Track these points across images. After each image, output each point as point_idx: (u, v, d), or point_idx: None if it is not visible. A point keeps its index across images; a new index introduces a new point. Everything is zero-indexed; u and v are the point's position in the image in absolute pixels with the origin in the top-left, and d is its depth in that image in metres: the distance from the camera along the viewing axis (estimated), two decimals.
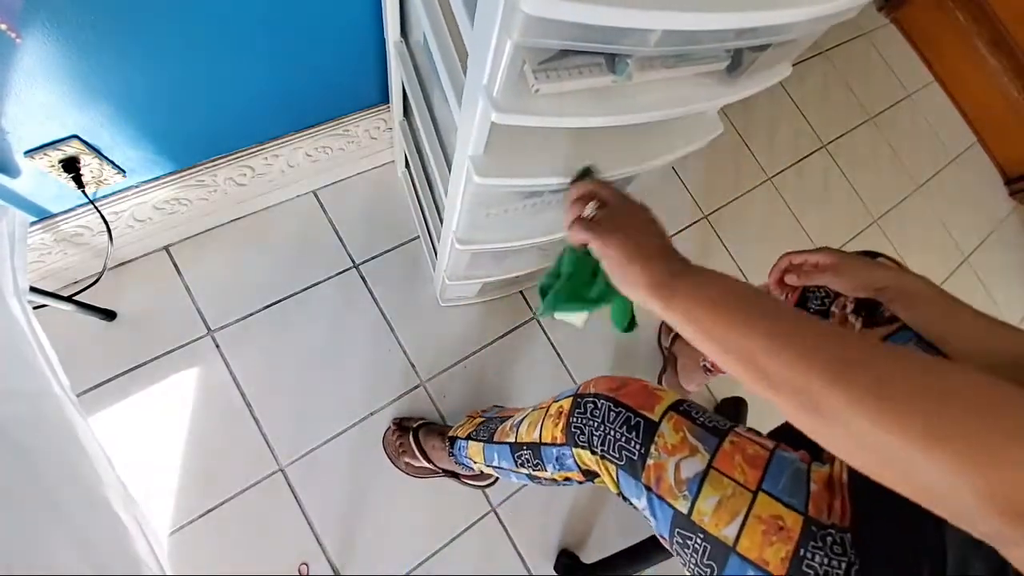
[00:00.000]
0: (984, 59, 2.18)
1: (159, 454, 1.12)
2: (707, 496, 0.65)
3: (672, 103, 0.63)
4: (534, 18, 0.41)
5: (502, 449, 0.94)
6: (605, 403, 0.75)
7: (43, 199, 0.94)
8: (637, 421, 0.72)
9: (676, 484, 0.67)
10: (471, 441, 1.03)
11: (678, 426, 0.70)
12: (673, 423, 0.71)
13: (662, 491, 0.68)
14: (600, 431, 0.74)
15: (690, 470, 0.67)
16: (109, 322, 1.15)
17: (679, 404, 0.74)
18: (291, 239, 1.31)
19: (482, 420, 1.07)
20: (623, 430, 0.72)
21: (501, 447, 0.94)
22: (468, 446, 1.04)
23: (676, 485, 0.67)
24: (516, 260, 1.16)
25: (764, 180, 1.85)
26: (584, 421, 0.77)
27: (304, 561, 1.13)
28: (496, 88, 0.52)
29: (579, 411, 0.78)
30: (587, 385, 0.81)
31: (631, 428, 0.72)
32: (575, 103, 0.56)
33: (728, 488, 0.65)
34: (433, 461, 1.17)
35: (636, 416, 0.72)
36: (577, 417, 0.78)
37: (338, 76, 1.06)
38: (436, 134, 0.90)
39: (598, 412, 0.76)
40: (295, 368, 1.24)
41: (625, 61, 0.55)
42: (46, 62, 0.70)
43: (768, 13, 0.48)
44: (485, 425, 1.04)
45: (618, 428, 0.73)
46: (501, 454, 0.95)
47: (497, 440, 0.96)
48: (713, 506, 0.64)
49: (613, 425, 0.73)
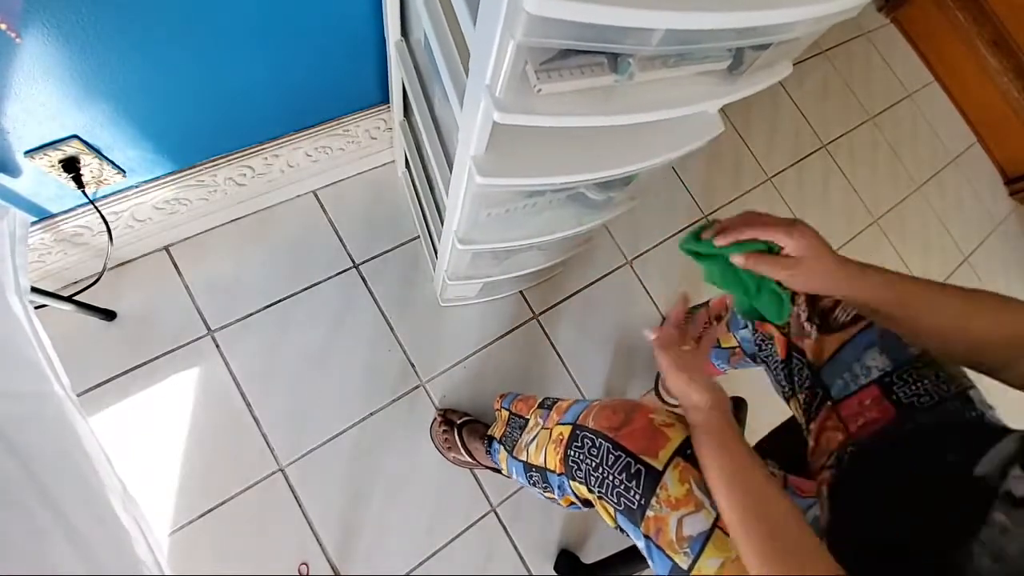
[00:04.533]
0: (984, 59, 2.18)
1: (159, 454, 1.12)
2: (710, 557, 0.62)
3: (673, 102, 0.63)
4: (537, 18, 0.41)
5: (518, 466, 0.93)
6: (604, 444, 0.71)
7: (43, 199, 0.94)
8: (638, 469, 0.68)
9: (677, 540, 0.64)
10: (501, 447, 1.03)
11: (684, 476, 0.66)
12: (679, 472, 0.66)
13: (661, 543, 0.65)
14: (598, 473, 0.71)
15: (693, 528, 0.63)
16: (109, 322, 1.15)
17: (686, 447, 0.69)
18: (291, 239, 1.31)
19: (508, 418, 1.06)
20: (622, 476, 0.68)
21: (517, 464, 0.94)
22: (499, 451, 1.04)
23: (677, 541, 0.64)
24: (516, 260, 1.16)
25: (764, 180, 1.85)
26: (581, 456, 0.74)
27: (304, 561, 1.13)
28: (498, 88, 0.52)
29: (576, 444, 0.75)
30: (587, 414, 0.78)
31: (631, 476, 0.68)
32: (577, 103, 0.56)
33: (732, 552, 0.61)
34: (477, 460, 1.19)
35: (637, 463, 0.68)
36: (574, 451, 0.75)
37: (338, 76, 1.06)
38: (437, 134, 0.90)
39: (596, 451, 0.72)
40: (295, 368, 1.23)
41: (627, 61, 0.55)
42: (46, 62, 0.70)
43: (770, 12, 0.48)
44: (510, 429, 1.02)
45: (617, 473, 0.69)
46: (517, 470, 0.94)
47: (515, 455, 0.95)
48: (716, 567, 0.62)
49: (612, 469, 0.70)
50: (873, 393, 0.74)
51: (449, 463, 1.27)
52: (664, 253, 1.62)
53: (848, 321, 0.79)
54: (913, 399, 0.71)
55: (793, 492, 0.73)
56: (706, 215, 1.72)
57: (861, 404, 0.74)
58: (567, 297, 1.49)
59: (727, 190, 1.79)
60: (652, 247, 1.62)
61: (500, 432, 1.07)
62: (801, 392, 0.83)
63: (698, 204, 1.73)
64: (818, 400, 0.80)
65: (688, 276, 1.59)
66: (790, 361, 0.86)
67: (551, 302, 1.47)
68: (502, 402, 1.12)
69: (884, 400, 0.73)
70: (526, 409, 1.01)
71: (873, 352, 0.75)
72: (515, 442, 0.97)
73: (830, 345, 0.80)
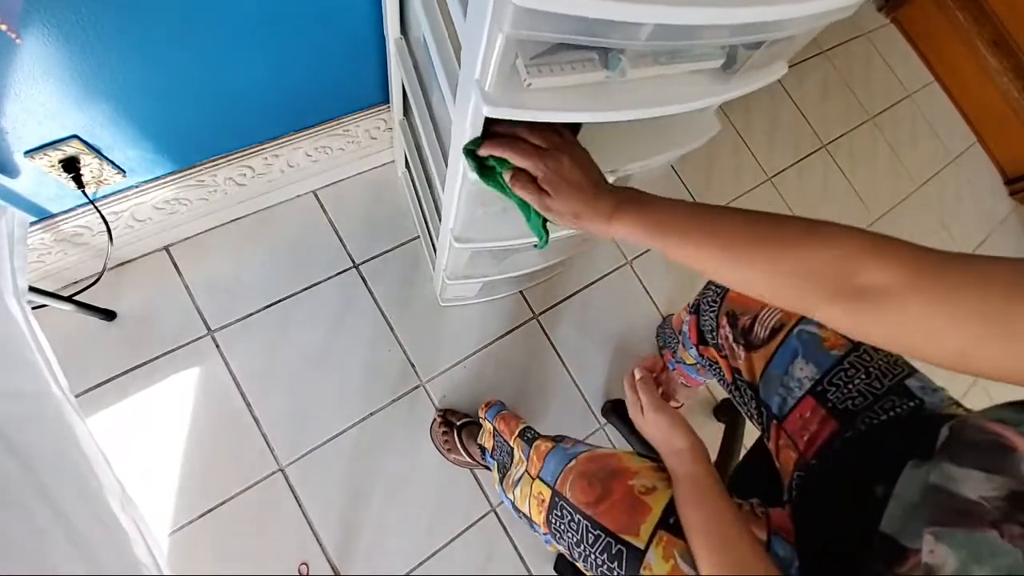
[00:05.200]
0: (984, 59, 2.17)
1: (159, 454, 1.13)
2: None
3: (666, 100, 0.63)
4: (524, 10, 0.41)
5: (508, 500, 0.92)
6: (583, 521, 0.69)
7: (43, 199, 0.94)
8: (619, 549, 0.65)
9: None
10: (495, 466, 1.01)
11: (668, 552, 0.64)
12: (663, 549, 0.64)
13: None
14: (580, 548, 0.70)
15: None
16: (109, 322, 1.15)
17: (669, 514, 0.66)
18: (291, 239, 1.31)
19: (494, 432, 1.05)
20: (604, 557, 0.67)
21: (507, 498, 0.92)
22: (493, 467, 1.03)
23: None
24: (515, 259, 1.16)
25: (764, 180, 1.85)
26: (563, 527, 0.72)
27: (304, 561, 1.14)
28: (488, 82, 0.52)
29: (556, 513, 0.73)
30: (565, 479, 0.74)
31: (612, 557, 0.66)
32: (568, 98, 0.56)
33: None
34: (477, 461, 1.19)
35: (618, 543, 0.66)
36: (555, 519, 0.73)
37: (338, 75, 1.06)
38: (435, 132, 0.90)
39: (575, 526, 0.70)
40: (295, 368, 1.24)
41: (618, 57, 0.55)
42: (46, 62, 0.70)
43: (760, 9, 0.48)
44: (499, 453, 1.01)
45: (598, 554, 0.67)
46: (508, 504, 0.93)
47: (505, 488, 0.93)
48: None
49: (593, 549, 0.68)
50: (809, 404, 0.73)
51: (449, 463, 1.27)
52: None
53: (767, 336, 0.79)
54: (847, 402, 0.70)
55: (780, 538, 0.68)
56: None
57: (802, 418, 0.73)
58: (567, 297, 1.49)
59: (727, 190, 1.79)
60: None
61: (490, 445, 1.05)
62: (754, 413, 0.83)
63: None
64: (766, 419, 0.79)
65: (688, 276, 1.59)
66: (736, 383, 0.86)
67: (551, 302, 1.47)
68: (486, 412, 1.10)
69: (820, 408, 0.72)
70: (508, 433, 0.99)
71: (799, 362, 0.75)
72: (506, 470, 0.95)
73: (758, 363, 0.79)
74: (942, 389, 0.69)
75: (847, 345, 0.73)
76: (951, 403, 0.68)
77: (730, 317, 0.85)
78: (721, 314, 0.87)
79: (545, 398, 1.40)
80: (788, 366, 0.75)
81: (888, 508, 0.56)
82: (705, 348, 0.93)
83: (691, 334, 0.97)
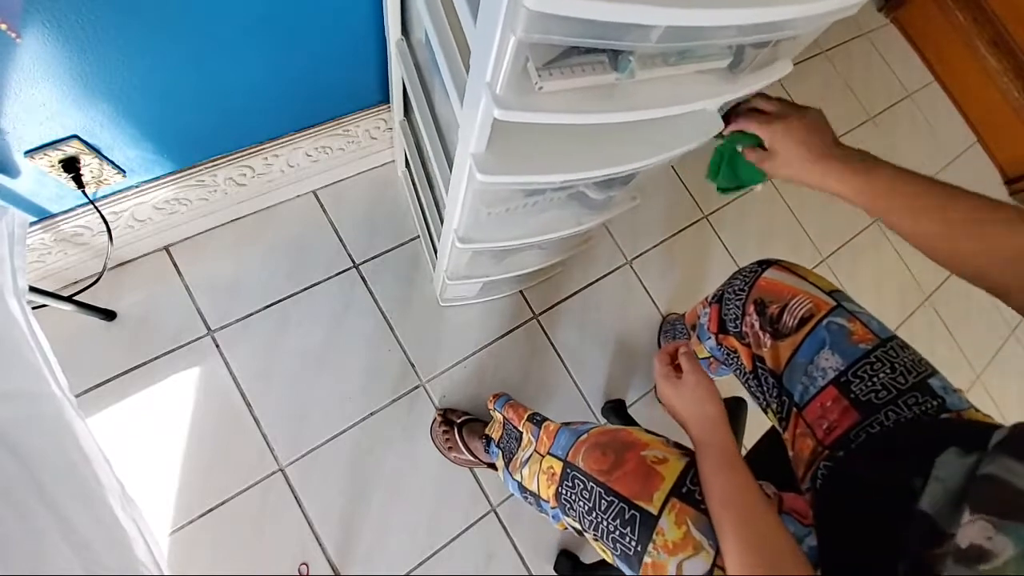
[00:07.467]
0: (984, 59, 2.18)
1: (159, 454, 1.12)
2: None
3: (674, 100, 0.63)
4: (537, 14, 0.41)
5: (514, 483, 0.93)
6: (596, 488, 0.70)
7: (43, 199, 0.94)
8: (633, 514, 0.66)
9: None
10: (500, 453, 1.02)
11: (680, 518, 0.64)
12: (675, 515, 0.64)
13: None
14: (591, 516, 0.70)
15: (693, 571, 0.62)
16: (109, 322, 1.14)
17: (681, 483, 0.67)
18: (291, 239, 1.31)
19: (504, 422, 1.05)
20: (616, 523, 0.67)
21: (513, 481, 0.93)
22: (498, 457, 1.03)
23: None
24: (516, 259, 1.16)
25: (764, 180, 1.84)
26: (574, 497, 0.72)
27: (304, 561, 1.13)
28: (499, 85, 0.52)
29: (568, 484, 0.74)
30: (577, 450, 0.76)
31: (625, 522, 0.66)
32: (578, 100, 0.56)
33: None
34: (478, 457, 1.19)
35: (631, 508, 0.66)
36: (566, 490, 0.74)
37: (338, 75, 1.06)
38: (437, 132, 0.90)
39: (588, 495, 0.70)
40: (295, 368, 1.23)
41: (628, 58, 0.55)
42: (46, 62, 0.70)
43: (770, 9, 0.48)
44: (507, 438, 1.01)
45: (611, 520, 0.67)
46: (513, 487, 0.94)
47: (511, 472, 0.94)
48: None
49: (606, 516, 0.68)
50: (832, 394, 0.73)
51: (449, 463, 1.27)
52: (664, 253, 1.62)
53: (796, 325, 0.79)
54: (871, 395, 0.71)
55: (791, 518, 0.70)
56: (706, 215, 1.72)
57: (823, 407, 0.74)
58: (567, 297, 1.49)
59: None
60: (652, 247, 1.61)
61: (498, 435, 1.06)
62: (772, 402, 0.83)
63: (698, 204, 1.72)
64: (787, 408, 0.80)
65: (688, 276, 1.59)
66: (756, 372, 0.86)
67: (551, 302, 1.47)
68: (495, 403, 1.11)
69: (843, 399, 0.72)
70: (517, 419, 1.00)
71: (825, 352, 0.75)
72: (512, 455, 0.96)
73: (784, 351, 0.80)
74: (960, 391, 0.70)
75: (875, 340, 0.74)
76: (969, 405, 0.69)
77: (758, 305, 0.85)
78: (749, 302, 0.87)
79: (545, 398, 1.39)
80: (814, 356, 0.76)
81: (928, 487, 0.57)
82: (724, 337, 0.94)
83: (711, 323, 0.97)
